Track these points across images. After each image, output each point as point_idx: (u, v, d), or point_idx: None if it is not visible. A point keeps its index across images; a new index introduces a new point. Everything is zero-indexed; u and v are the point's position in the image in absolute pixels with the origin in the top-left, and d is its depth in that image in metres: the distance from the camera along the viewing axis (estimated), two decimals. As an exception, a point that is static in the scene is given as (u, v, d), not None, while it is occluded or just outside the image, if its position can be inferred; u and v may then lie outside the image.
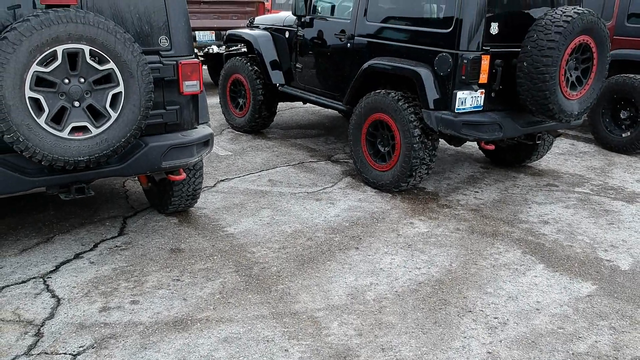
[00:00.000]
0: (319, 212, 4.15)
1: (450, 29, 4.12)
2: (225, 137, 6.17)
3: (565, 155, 5.96)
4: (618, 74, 6.14)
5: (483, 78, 4.16)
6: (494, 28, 4.14)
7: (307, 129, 6.65)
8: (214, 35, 8.07)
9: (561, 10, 4.07)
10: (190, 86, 3.33)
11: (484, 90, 4.20)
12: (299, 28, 5.53)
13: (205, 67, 9.38)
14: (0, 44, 2.58)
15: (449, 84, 4.14)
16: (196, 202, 3.95)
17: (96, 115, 2.88)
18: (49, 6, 2.80)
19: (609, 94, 6.05)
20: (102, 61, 2.83)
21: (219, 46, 8.12)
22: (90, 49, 2.77)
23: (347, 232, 3.82)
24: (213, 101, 7.72)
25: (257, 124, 6.16)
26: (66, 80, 2.77)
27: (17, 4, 2.77)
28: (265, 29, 6.11)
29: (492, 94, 4.27)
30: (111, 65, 2.84)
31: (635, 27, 6.01)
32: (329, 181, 4.84)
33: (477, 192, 4.74)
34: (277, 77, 5.88)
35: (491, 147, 4.41)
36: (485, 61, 4.13)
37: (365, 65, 4.70)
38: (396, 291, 3.09)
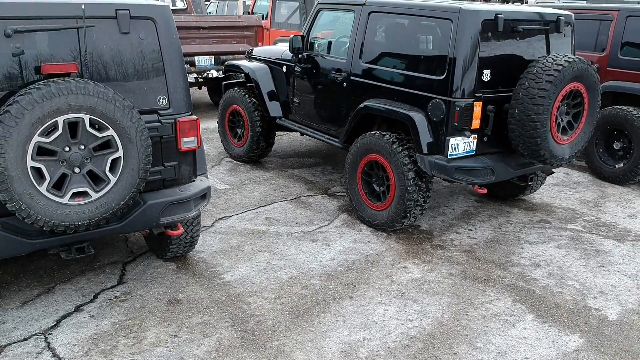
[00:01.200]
0: (315, 255, 4.23)
1: (443, 76, 4.20)
2: (224, 167, 6.25)
3: (559, 186, 6.04)
4: (612, 105, 6.23)
5: (475, 124, 4.24)
6: (486, 75, 4.22)
7: (305, 157, 6.73)
8: (212, 59, 8.16)
9: (552, 58, 4.16)
10: (188, 142, 3.41)
11: (476, 136, 4.28)
12: (296, 64, 5.61)
13: (205, 88, 9.48)
14: (2, 118, 2.66)
15: (442, 129, 4.23)
16: (194, 247, 4.03)
17: (96, 179, 2.96)
18: (49, 75, 2.88)
19: (603, 125, 6.14)
20: (101, 128, 2.91)
21: (217, 70, 8.20)
22: (90, 118, 2.86)
23: (342, 279, 3.90)
24: (212, 125, 7.81)
25: (255, 154, 6.25)
26: (67, 148, 2.85)
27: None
28: (263, 61, 6.20)
29: (485, 138, 4.35)
30: (110, 132, 2.92)
31: (628, 60, 6.08)
32: (325, 218, 4.92)
33: (471, 230, 4.82)
34: (274, 110, 5.96)
35: (484, 190, 4.49)
36: (478, 108, 4.21)
37: (361, 105, 4.78)
38: (388, 347, 3.17)
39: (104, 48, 3.11)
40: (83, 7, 2.98)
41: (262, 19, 10.93)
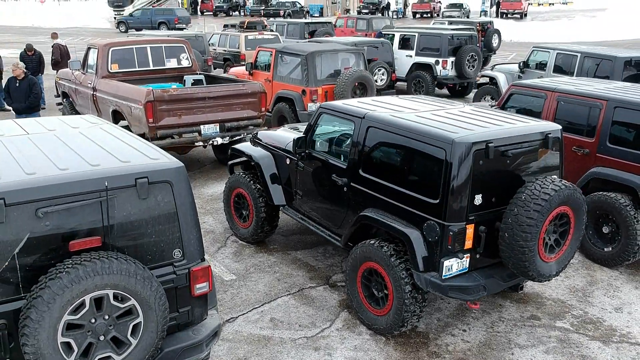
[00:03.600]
0: (317, 367, 4.51)
1: (438, 200, 4.48)
2: (230, 249, 6.54)
3: (550, 269, 6.30)
4: (600, 190, 6.49)
5: (468, 244, 4.52)
6: (478, 199, 4.50)
7: (307, 233, 7.00)
8: (218, 127, 8.44)
9: (540, 186, 4.44)
10: (200, 288, 3.69)
11: (469, 255, 4.56)
12: (299, 160, 5.89)
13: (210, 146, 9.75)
14: (35, 302, 2.95)
15: (437, 250, 4.50)
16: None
17: (118, 343, 3.24)
18: (76, 251, 3.17)
19: (592, 209, 6.40)
20: (124, 299, 3.19)
21: (223, 137, 8.49)
22: (114, 293, 3.14)
23: (343, 398, 4.18)
24: (217, 190, 8.09)
25: (259, 237, 6.53)
26: (92, 320, 3.13)
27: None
28: (267, 148, 6.47)
29: (477, 255, 4.63)
30: (132, 301, 3.20)
31: (616, 149, 6.35)
32: (327, 318, 5.20)
33: (465, 330, 5.10)
34: (278, 198, 6.24)
35: (476, 306, 4.77)
36: (470, 230, 4.49)
37: (361, 214, 5.06)
38: None
39: (124, 215, 3.38)
40: (106, 184, 3.27)
41: (265, 70, 11.23)
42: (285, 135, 6.50)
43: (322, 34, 20.03)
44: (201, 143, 8.36)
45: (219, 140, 8.45)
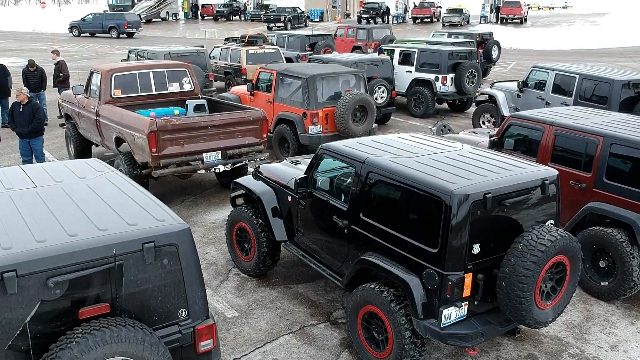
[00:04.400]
0: (319, 412, 4.61)
1: (437, 249, 4.57)
2: (232, 283, 6.63)
3: (547, 304, 6.40)
4: (597, 223, 6.59)
5: (467, 292, 4.62)
6: (476, 248, 4.60)
7: (308, 266, 7.07)
8: (220, 154, 8.54)
9: (536, 236, 4.53)
10: (205, 345, 3.80)
11: (467, 302, 4.66)
12: (301, 199, 5.99)
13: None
14: (46, 373, 3.05)
15: (436, 298, 4.60)
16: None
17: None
18: (85, 319, 3.27)
19: (589, 244, 6.50)
20: (132, 364, 3.29)
21: (225, 164, 8.59)
22: (122, 359, 3.24)
23: None
24: (220, 216, 8.19)
25: (261, 270, 6.63)
26: (102, 385, 3.23)
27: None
28: (269, 183, 6.57)
29: (475, 302, 4.73)
30: (140, 367, 3.30)
31: (612, 185, 6.45)
32: (327, 359, 5.30)
33: (463, 371, 5.20)
34: (280, 233, 6.34)
35: (475, 352, 4.87)
36: (469, 279, 4.59)
37: (361, 258, 5.16)
38: None
39: (132, 280, 3.49)
40: (115, 251, 3.37)
41: (266, 90, 11.33)
42: (287, 170, 6.60)
43: (322, 47, 20.16)
44: (203, 171, 8.45)
45: (221, 168, 8.55)
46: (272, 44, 18.82)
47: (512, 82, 13.58)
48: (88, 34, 43.40)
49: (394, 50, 16.02)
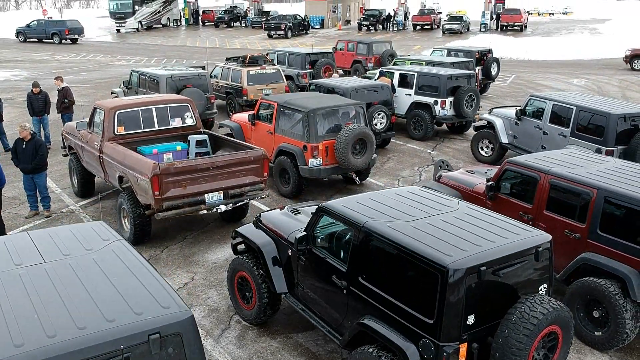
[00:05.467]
0: None
1: (433, 320, 4.71)
2: (233, 332, 6.78)
3: (542, 354, 6.54)
4: (591, 274, 6.72)
5: (462, 361, 4.76)
6: (471, 319, 4.74)
7: (308, 311, 7.23)
8: (221, 194, 8.68)
9: (529, 308, 4.67)
10: None
11: (462, 370, 4.80)
12: (301, 255, 6.12)
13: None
14: None
15: (432, 367, 4.74)
16: None
17: None
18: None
19: (583, 294, 6.65)
20: None
21: (226, 204, 8.73)
22: None
23: None
24: (222, 256, 8.32)
25: (262, 320, 6.77)
26: None
27: None
28: (271, 234, 6.71)
29: (470, 370, 4.87)
30: None
31: (606, 237, 6.58)
32: (327, 417, 5.45)
33: None
34: (280, 286, 6.48)
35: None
36: (463, 349, 4.73)
37: (359, 322, 5.29)
38: None
39: (138, 372, 3.62)
40: (122, 346, 3.51)
41: (267, 121, 11.45)
42: (287, 222, 6.73)
43: (322, 65, 20.30)
44: (205, 211, 8.59)
45: (223, 208, 8.69)
46: (273, 64, 18.96)
47: (511, 109, 13.73)
48: (35, 39, 45.83)
49: (393, 72, 16.17)
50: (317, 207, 6.06)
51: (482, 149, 13.77)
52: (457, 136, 16.22)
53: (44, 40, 45.16)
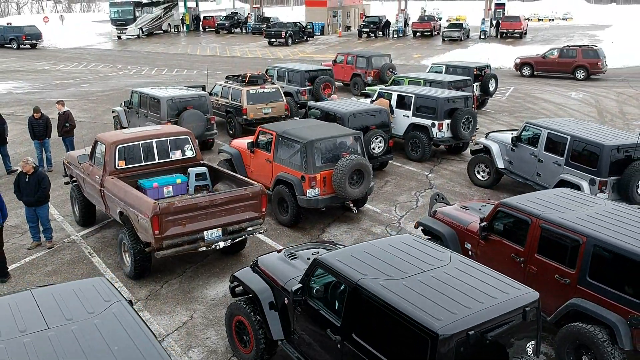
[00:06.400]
0: None
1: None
2: (231, 376, 6.94)
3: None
4: (581, 318, 6.88)
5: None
6: (460, 382, 4.90)
7: (305, 352, 7.40)
8: (220, 231, 8.84)
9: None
10: None
11: None
12: (297, 305, 6.28)
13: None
14: None
15: None
16: None
17: None
18: None
19: (572, 339, 6.81)
20: None
21: (225, 241, 8.90)
22: None
23: None
24: (219, 292, 8.47)
25: (259, 364, 6.95)
26: None
27: None
28: (266, 280, 6.87)
29: None
30: None
31: (595, 284, 6.74)
32: None
33: None
34: (277, 333, 6.63)
35: None
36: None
37: (353, 379, 5.46)
38: None
39: None
40: None
41: (266, 149, 11.61)
42: (284, 269, 6.89)
43: (322, 82, 20.46)
44: (204, 248, 8.76)
45: (221, 245, 8.85)
46: (273, 82, 19.13)
47: (507, 133, 13.90)
48: None
49: (391, 93, 16.33)
50: (312, 260, 6.22)
51: (478, 172, 13.93)
52: (454, 157, 16.37)
53: (5, 45, 47.65)
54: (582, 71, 30.20)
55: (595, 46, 31.31)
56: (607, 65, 30.79)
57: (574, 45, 32.30)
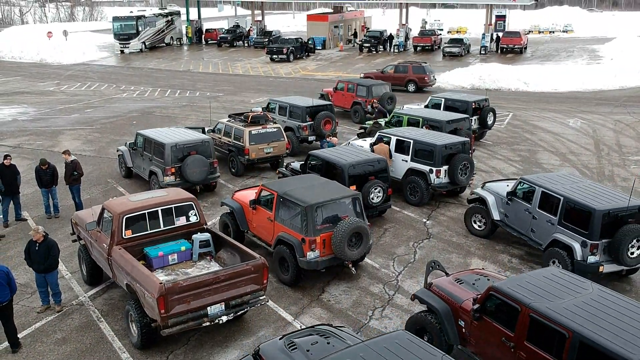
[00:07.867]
0: None
1: None
2: None
3: None
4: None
5: None
6: None
7: None
8: (223, 305, 9.19)
9: None
10: None
11: None
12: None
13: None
14: None
15: None
16: None
17: None
18: None
19: None
20: None
21: (227, 314, 9.25)
22: None
23: None
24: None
25: None
26: None
27: None
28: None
29: None
30: None
31: (580, 378, 7.08)
32: None
33: None
34: None
35: None
36: None
37: None
38: None
39: None
40: None
41: (267, 207, 11.91)
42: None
43: (322, 118, 20.79)
44: (208, 323, 9.10)
45: (224, 319, 9.20)
46: (274, 121, 19.50)
47: (503, 183, 14.25)
48: None
49: (390, 137, 16.68)
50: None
51: (475, 222, 14.26)
52: (452, 200, 16.70)
53: None
54: (412, 84, 33.74)
55: (425, 62, 35.32)
56: (434, 78, 34.55)
57: (406, 62, 35.86)
